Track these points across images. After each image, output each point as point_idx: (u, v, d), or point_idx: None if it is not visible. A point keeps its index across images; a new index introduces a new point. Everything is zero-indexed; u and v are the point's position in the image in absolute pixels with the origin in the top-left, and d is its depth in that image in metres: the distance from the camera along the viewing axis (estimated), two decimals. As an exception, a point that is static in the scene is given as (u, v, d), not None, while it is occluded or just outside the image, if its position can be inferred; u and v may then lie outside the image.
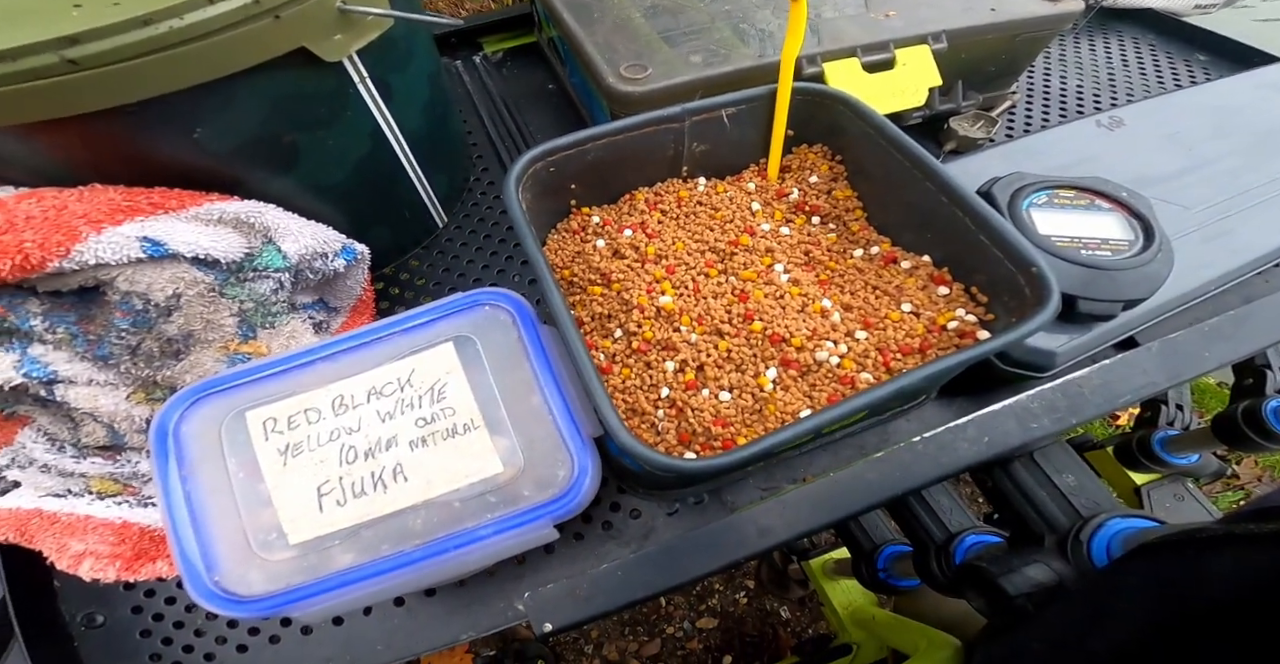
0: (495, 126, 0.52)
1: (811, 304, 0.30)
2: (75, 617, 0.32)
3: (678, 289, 0.33)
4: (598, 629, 0.94)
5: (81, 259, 0.24)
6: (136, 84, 0.24)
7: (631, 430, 0.29)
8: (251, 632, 0.32)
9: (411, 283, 0.42)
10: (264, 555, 0.23)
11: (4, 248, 0.23)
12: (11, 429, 0.27)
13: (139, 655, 0.31)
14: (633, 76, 0.37)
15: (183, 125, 0.27)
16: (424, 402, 0.26)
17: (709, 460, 0.22)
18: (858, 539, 0.55)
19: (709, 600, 0.95)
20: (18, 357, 0.25)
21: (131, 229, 0.25)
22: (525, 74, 0.58)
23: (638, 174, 0.37)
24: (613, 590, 0.29)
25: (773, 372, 0.29)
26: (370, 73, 0.32)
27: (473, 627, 0.31)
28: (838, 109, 0.32)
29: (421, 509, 0.24)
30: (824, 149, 0.35)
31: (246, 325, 0.29)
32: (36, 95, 0.23)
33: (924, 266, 0.30)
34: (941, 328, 0.27)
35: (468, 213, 0.46)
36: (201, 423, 0.25)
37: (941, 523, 0.40)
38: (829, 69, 0.38)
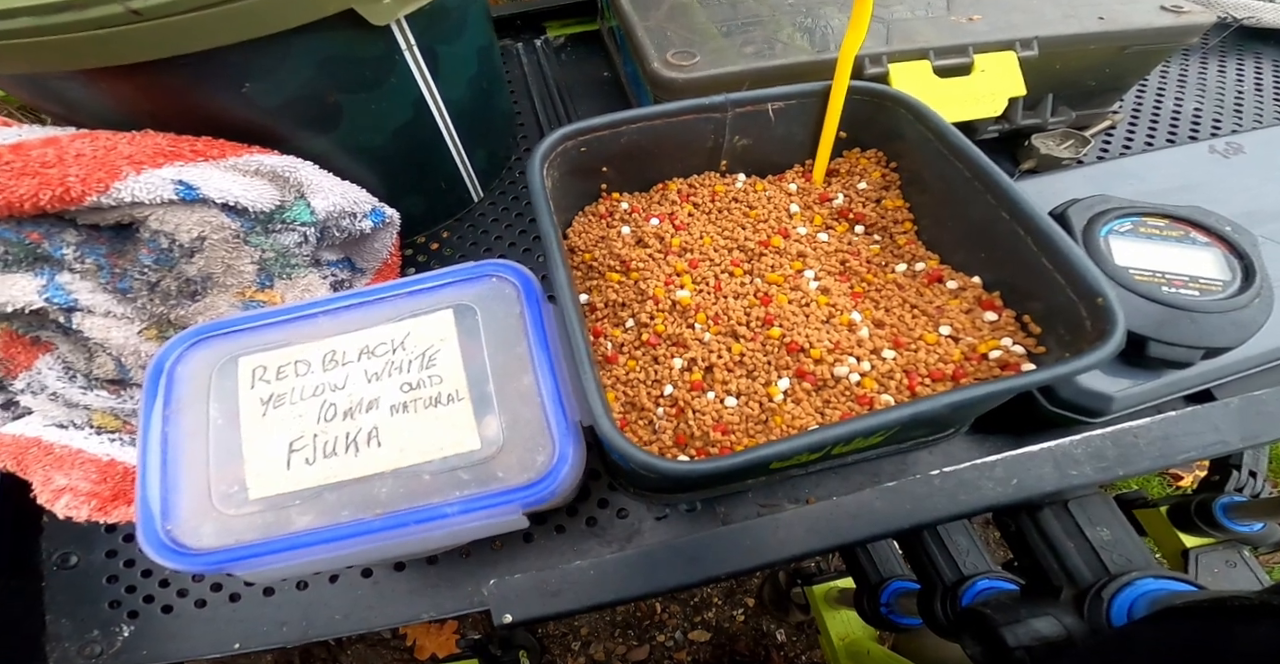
0: (545, 110, 0.51)
1: (839, 316, 0.28)
2: (52, 555, 0.33)
3: (698, 285, 0.31)
4: (588, 627, 0.93)
5: (118, 196, 0.24)
6: (192, 37, 0.24)
7: (622, 424, 0.27)
8: (214, 588, 0.32)
9: (440, 253, 0.42)
10: (221, 508, 0.23)
11: (49, 180, 0.23)
12: (34, 354, 0.29)
13: (99, 600, 0.32)
14: (679, 63, 0.36)
15: (233, 79, 0.27)
16: (413, 366, 0.25)
17: (693, 465, 0.20)
18: (865, 570, 0.52)
19: (705, 613, 0.92)
20: (44, 282, 0.25)
21: (169, 172, 0.25)
22: (583, 61, 0.57)
23: (673, 164, 0.35)
24: (583, 589, 0.27)
25: (785, 382, 0.27)
26: (418, 40, 0.31)
27: (435, 608, 0.31)
28: (897, 112, 0.30)
29: (390, 477, 0.23)
30: (878, 155, 0.33)
31: (265, 274, 0.29)
32: (100, 43, 0.23)
33: (972, 288, 0.27)
34: (982, 356, 0.25)
35: (504, 190, 0.45)
36: (196, 365, 0.25)
37: (954, 563, 0.37)
38: (895, 70, 0.36)
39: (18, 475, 0.29)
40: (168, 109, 0.28)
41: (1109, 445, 0.26)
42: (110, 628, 0.31)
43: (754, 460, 0.20)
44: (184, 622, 0.31)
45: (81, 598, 0.32)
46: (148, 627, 0.31)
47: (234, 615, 0.31)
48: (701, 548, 0.28)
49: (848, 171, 0.34)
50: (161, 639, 0.31)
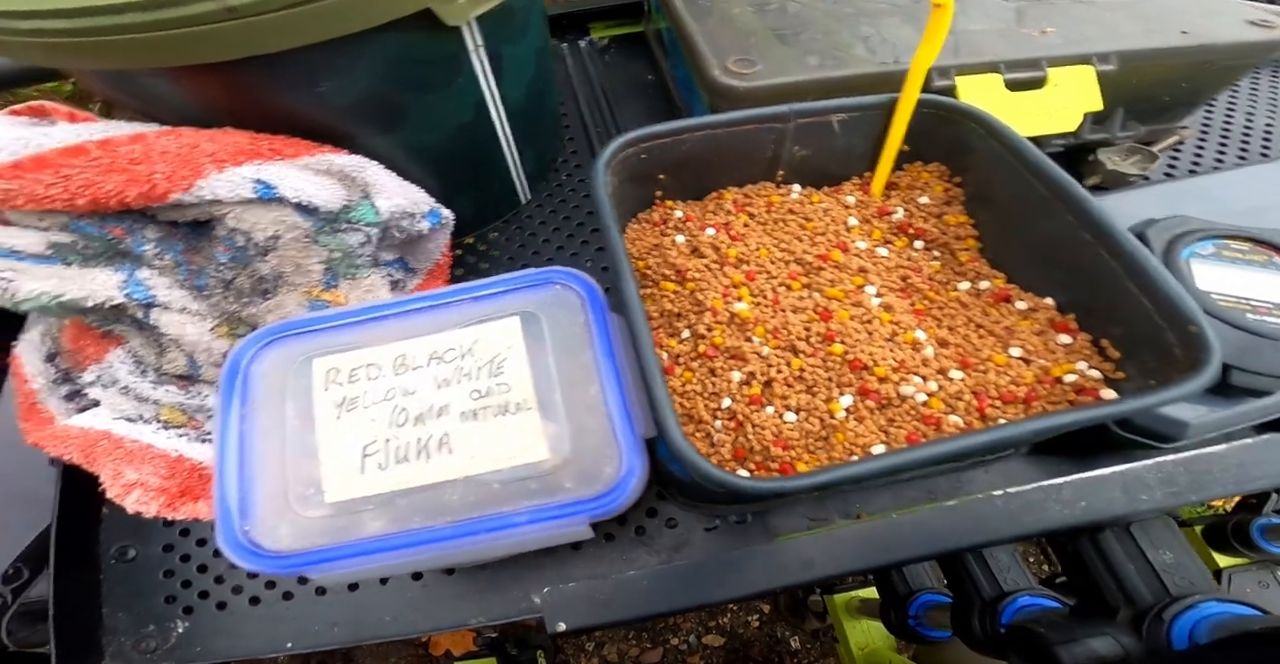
0: (590, 111, 0.51)
1: (903, 334, 0.28)
2: (110, 548, 0.33)
3: (755, 297, 0.31)
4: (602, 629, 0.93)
5: (200, 194, 0.25)
6: (280, 35, 0.24)
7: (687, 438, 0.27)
8: (268, 585, 0.32)
9: (488, 254, 0.42)
10: (298, 510, 0.23)
11: (136, 177, 0.24)
12: (105, 347, 0.29)
13: (156, 595, 0.32)
14: (740, 71, 0.36)
15: (311, 78, 0.27)
16: (482, 374, 0.25)
17: (768, 482, 0.20)
18: (893, 582, 0.52)
19: (720, 618, 0.92)
20: (124, 277, 0.26)
21: (249, 170, 0.26)
22: (627, 63, 0.57)
23: (729, 173, 0.35)
24: (635, 599, 0.28)
25: (848, 399, 0.26)
26: (485, 41, 0.32)
27: (484, 613, 0.31)
28: (967, 126, 0.29)
29: (460, 485, 0.24)
30: (941, 169, 0.33)
31: (331, 273, 0.29)
32: (193, 41, 0.23)
33: (1044, 309, 0.27)
34: (1055, 380, 0.24)
35: (550, 193, 0.45)
36: (271, 364, 0.26)
37: (995, 579, 0.37)
38: (962, 83, 0.35)
39: (83, 467, 0.29)
40: (245, 107, 0.28)
41: (1181, 471, 0.25)
42: (165, 623, 0.31)
43: (831, 480, 0.20)
44: (238, 619, 0.31)
45: (138, 591, 0.32)
46: (202, 623, 0.31)
47: (287, 614, 0.31)
48: (756, 561, 0.28)
49: (908, 185, 0.33)
50: (215, 636, 0.31)
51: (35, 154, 0.23)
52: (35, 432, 0.29)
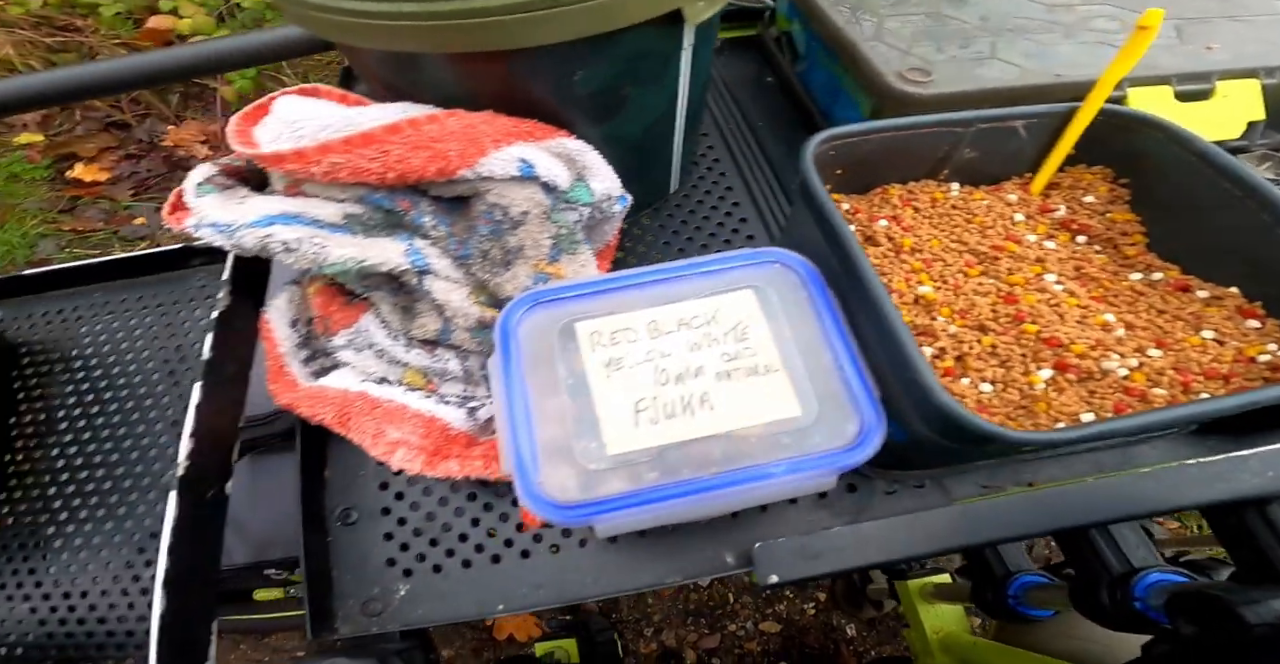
0: (719, 109, 0.54)
1: (1092, 316, 0.31)
2: (334, 511, 0.35)
3: (936, 282, 0.34)
4: (660, 614, 0.96)
5: (479, 170, 0.27)
6: (562, 27, 0.27)
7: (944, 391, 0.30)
8: (477, 549, 0.34)
9: (642, 238, 0.45)
10: (584, 462, 0.25)
11: (436, 153, 0.26)
12: (351, 313, 0.31)
13: (377, 558, 0.33)
14: (916, 79, 0.39)
15: (569, 68, 0.30)
16: (728, 339, 0.28)
17: (1043, 434, 0.23)
18: (989, 564, 0.55)
19: (776, 605, 0.95)
20: (405, 246, 0.28)
21: (516, 150, 0.28)
22: (741, 64, 0.60)
23: (895, 171, 0.38)
24: (843, 553, 0.30)
25: (1046, 373, 0.29)
26: (694, 41, 0.34)
27: (680, 571, 0.33)
28: (1146, 133, 0.33)
29: (722, 439, 0.26)
30: (1106, 171, 0.36)
31: (556, 248, 0.32)
32: (500, 28, 0.26)
33: (1230, 298, 0.30)
34: (1250, 359, 0.27)
35: (694, 184, 0.48)
36: (535, 327, 0.28)
37: (1124, 556, 0.40)
38: (1134, 94, 0.39)
39: (332, 428, 0.31)
40: (507, 92, 0.30)
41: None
42: (388, 586, 0.33)
43: (1105, 432, 0.22)
44: (452, 582, 0.33)
45: (363, 555, 0.33)
46: (420, 586, 0.33)
47: (495, 577, 0.33)
48: (948, 520, 0.31)
49: (1070, 186, 0.36)
50: (432, 599, 0.32)
51: (363, 132, 0.26)
52: (285, 393, 0.31)
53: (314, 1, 0.27)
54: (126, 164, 1.28)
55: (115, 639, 0.32)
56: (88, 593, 0.33)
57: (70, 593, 0.33)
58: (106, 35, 1.32)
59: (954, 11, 0.46)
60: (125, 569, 0.33)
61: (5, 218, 1.23)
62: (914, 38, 0.43)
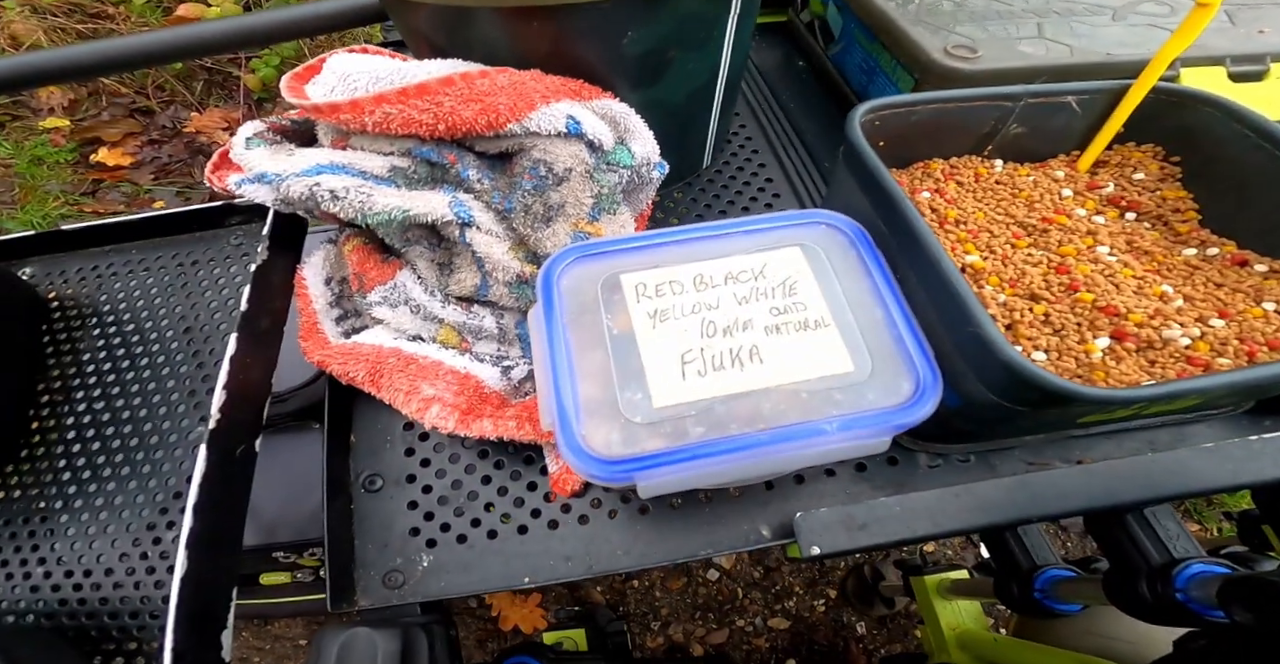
0: (750, 90, 0.54)
1: (1150, 287, 0.30)
2: (359, 477, 0.33)
3: (983, 252, 0.33)
4: (668, 608, 0.94)
5: (526, 125, 0.27)
6: None
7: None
8: (503, 518, 0.32)
9: (675, 210, 0.44)
10: (628, 416, 0.24)
11: (487, 107, 0.26)
12: (387, 270, 0.31)
13: (401, 527, 0.32)
14: (962, 55, 0.39)
15: (621, 29, 0.30)
16: (776, 293, 0.27)
17: (1118, 391, 0.22)
18: (1015, 556, 0.53)
19: (786, 602, 0.94)
20: (450, 198, 0.28)
21: (563, 107, 0.28)
22: (771, 50, 0.60)
23: (939, 146, 0.37)
24: (890, 524, 0.29)
25: (1104, 341, 0.29)
26: (740, 7, 0.34)
27: (713, 544, 0.32)
28: (1202, 110, 0.32)
29: (773, 394, 0.25)
30: (1156, 149, 0.35)
31: (597, 208, 0.31)
32: None
33: (1292, 269, 0.29)
34: None
35: (726, 161, 0.48)
36: (578, 279, 0.28)
37: (1164, 547, 0.39)
38: (1186, 74, 0.39)
39: (362, 387, 0.31)
40: (555, 53, 0.30)
41: None
42: (411, 557, 0.31)
43: (1177, 392, 0.22)
44: (477, 553, 0.31)
45: (386, 524, 0.32)
46: (444, 557, 0.31)
47: (522, 549, 0.32)
48: (996, 493, 0.30)
49: (1118, 164, 0.36)
50: (456, 571, 0.31)
51: (418, 82, 0.26)
52: (317, 350, 0.31)
53: None
54: (149, 149, 1.30)
55: (129, 606, 0.31)
56: (103, 556, 0.32)
57: (85, 557, 0.32)
58: (135, 22, 1.34)
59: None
60: (146, 531, 0.32)
61: (27, 199, 1.24)
62: (957, 19, 0.43)
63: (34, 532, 0.32)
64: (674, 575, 0.96)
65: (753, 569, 0.96)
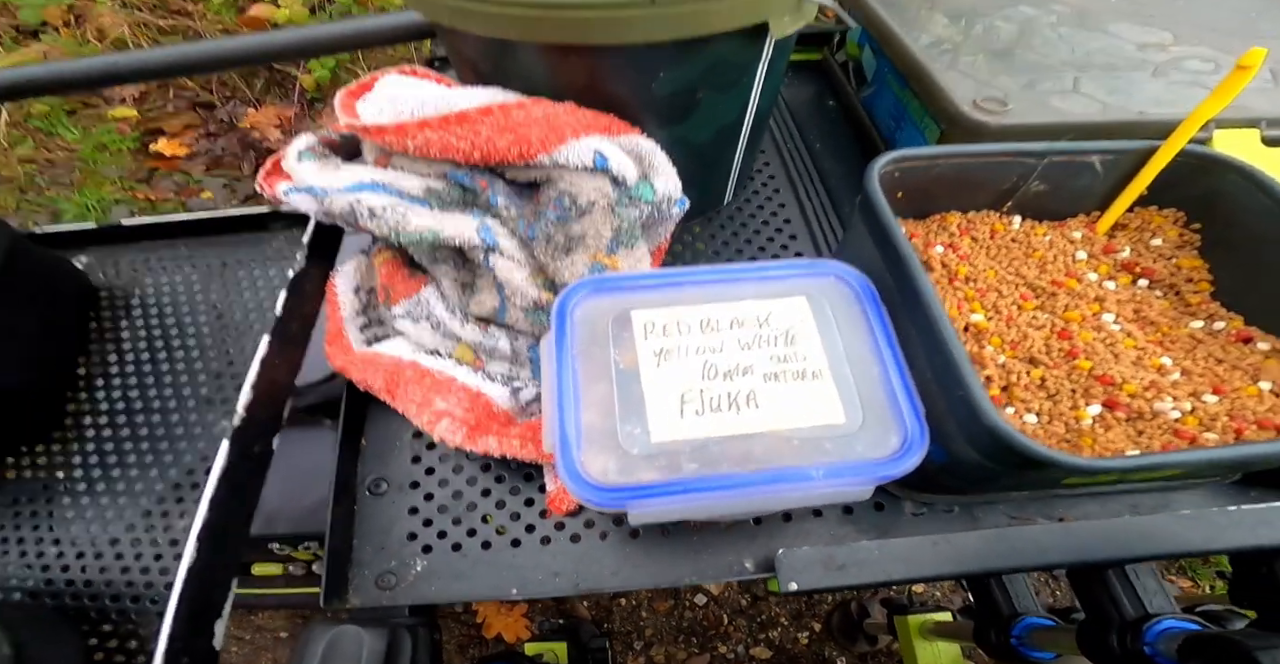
0: (778, 128, 0.55)
1: (1148, 359, 0.30)
2: (365, 479, 0.35)
3: (988, 312, 0.34)
4: (653, 629, 0.94)
5: (555, 157, 0.29)
6: (665, 27, 0.28)
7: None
8: (498, 530, 0.33)
9: (692, 245, 0.46)
10: (626, 447, 0.25)
11: (520, 138, 0.28)
12: (417, 284, 0.33)
13: (400, 530, 0.33)
14: (991, 109, 0.39)
15: (654, 68, 0.31)
16: (778, 341, 0.28)
17: (1093, 461, 0.22)
18: (996, 603, 0.53)
19: (770, 631, 0.93)
20: (478, 223, 0.30)
21: (592, 142, 0.29)
22: (803, 87, 0.61)
23: (958, 199, 0.38)
24: (868, 567, 0.30)
25: (1095, 409, 0.29)
26: (772, 53, 0.35)
27: (698, 573, 0.32)
28: (1229, 177, 0.32)
29: (765, 437, 0.26)
30: (1178, 214, 0.35)
31: (615, 241, 0.33)
32: (612, 24, 0.28)
33: (1295, 351, 0.29)
34: None
35: (748, 198, 0.49)
36: (590, 313, 0.29)
37: (1140, 601, 0.38)
38: (1219, 136, 0.38)
39: (377, 394, 0.32)
40: (590, 87, 0.32)
41: None
42: (406, 561, 0.33)
43: (1153, 464, 0.22)
44: (469, 562, 0.33)
45: (386, 527, 0.33)
46: (438, 563, 0.33)
47: (513, 561, 0.33)
48: (981, 543, 0.30)
49: (1137, 227, 0.36)
50: (447, 578, 0.32)
51: (458, 111, 0.28)
52: (340, 356, 0.33)
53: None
54: (205, 141, 1.36)
55: (132, 591, 0.32)
56: (116, 540, 0.33)
57: (98, 539, 0.33)
58: (211, 20, 1.41)
59: (1039, 47, 0.46)
60: (160, 518, 0.34)
61: (86, 182, 1.31)
62: (992, 69, 0.43)
63: (52, 512, 0.34)
64: (662, 597, 0.96)
65: (740, 597, 0.96)
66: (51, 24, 1.41)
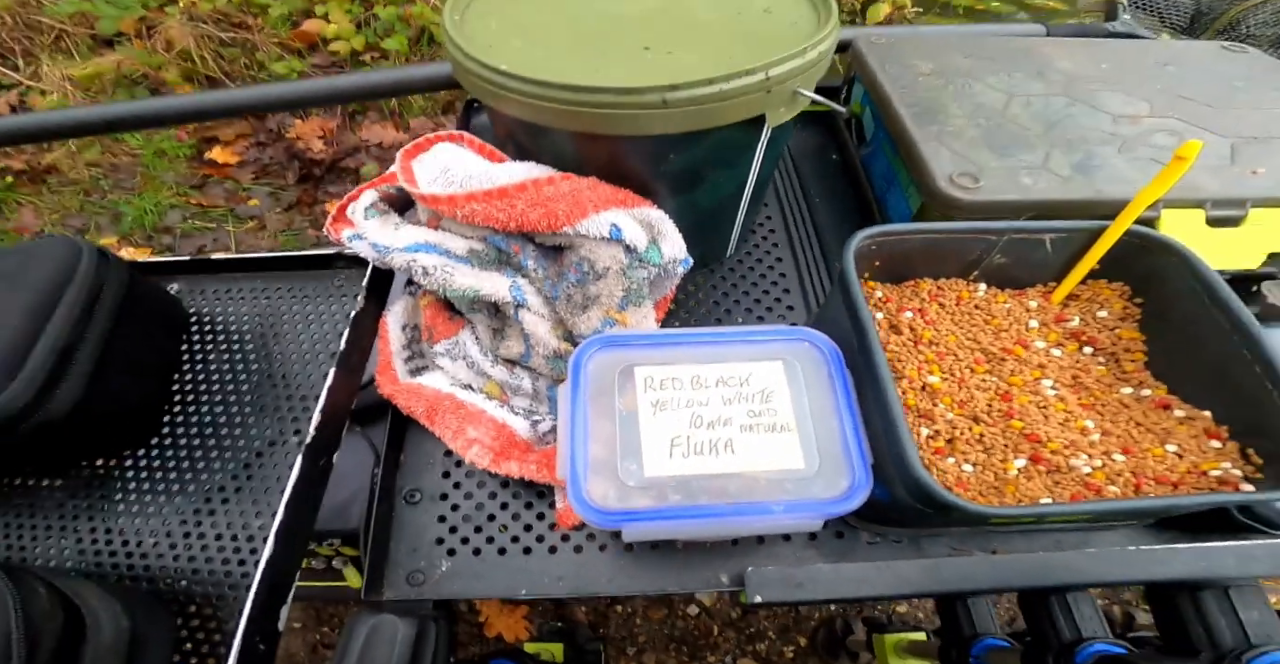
0: (782, 181, 0.61)
1: (1074, 421, 0.35)
2: (402, 490, 0.40)
3: (944, 374, 0.39)
4: (645, 635, 1.00)
5: (578, 229, 0.35)
6: (676, 123, 0.34)
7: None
8: (513, 539, 0.39)
9: (695, 294, 0.51)
10: (624, 479, 0.31)
11: (549, 212, 0.34)
12: (451, 327, 0.39)
13: (429, 535, 0.39)
14: (964, 184, 0.44)
15: (665, 153, 0.37)
16: (755, 399, 0.34)
17: (992, 508, 0.28)
18: (960, 623, 0.57)
19: (758, 644, 0.98)
20: (510, 282, 0.36)
21: (609, 216, 0.35)
22: (810, 138, 0.66)
23: (930, 267, 0.43)
24: (822, 585, 0.35)
25: (1021, 462, 0.34)
26: (770, 135, 0.41)
27: (680, 584, 0.38)
28: (1167, 259, 0.36)
29: (737, 478, 0.32)
30: (1124, 288, 0.40)
31: (625, 300, 0.39)
32: (630, 120, 0.34)
33: (1201, 419, 0.34)
34: (1203, 473, 0.32)
35: (749, 250, 0.55)
36: (601, 365, 0.35)
37: (1075, 625, 0.43)
38: (1166, 216, 0.41)
39: (418, 419, 0.39)
40: (610, 165, 0.38)
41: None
42: (433, 562, 0.38)
43: (1045, 513, 0.27)
44: (487, 565, 0.38)
45: (418, 532, 0.39)
46: (460, 565, 0.38)
47: (524, 566, 0.38)
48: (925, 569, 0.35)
49: (1088, 299, 0.41)
50: (467, 577, 0.37)
51: (499, 186, 0.34)
52: (389, 385, 0.39)
53: (476, 71, 0.35)
54: (254, 150, 1.46)
55: (214, 578, 0.38)
56: (204, 534, 0.38)
57: (190, 533, 0.39)
58: (268, 34, 1.51)
59: (1020, 118, 0.49)
60: (239, 517, 0.39)
61: (145, 187, 1.41)
62: (973, 141, 0.47)
63: (153, 508, 0.40)
64: (656, 606, 1.01)
65: (731, 608, 1.01)
66: (126, 34, 1.52)
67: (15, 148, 1.41)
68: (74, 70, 1.44)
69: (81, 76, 1.42)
